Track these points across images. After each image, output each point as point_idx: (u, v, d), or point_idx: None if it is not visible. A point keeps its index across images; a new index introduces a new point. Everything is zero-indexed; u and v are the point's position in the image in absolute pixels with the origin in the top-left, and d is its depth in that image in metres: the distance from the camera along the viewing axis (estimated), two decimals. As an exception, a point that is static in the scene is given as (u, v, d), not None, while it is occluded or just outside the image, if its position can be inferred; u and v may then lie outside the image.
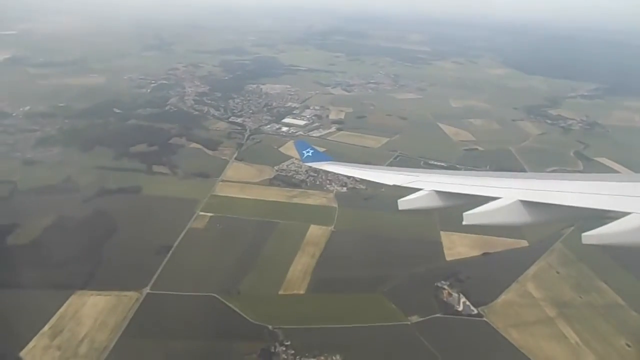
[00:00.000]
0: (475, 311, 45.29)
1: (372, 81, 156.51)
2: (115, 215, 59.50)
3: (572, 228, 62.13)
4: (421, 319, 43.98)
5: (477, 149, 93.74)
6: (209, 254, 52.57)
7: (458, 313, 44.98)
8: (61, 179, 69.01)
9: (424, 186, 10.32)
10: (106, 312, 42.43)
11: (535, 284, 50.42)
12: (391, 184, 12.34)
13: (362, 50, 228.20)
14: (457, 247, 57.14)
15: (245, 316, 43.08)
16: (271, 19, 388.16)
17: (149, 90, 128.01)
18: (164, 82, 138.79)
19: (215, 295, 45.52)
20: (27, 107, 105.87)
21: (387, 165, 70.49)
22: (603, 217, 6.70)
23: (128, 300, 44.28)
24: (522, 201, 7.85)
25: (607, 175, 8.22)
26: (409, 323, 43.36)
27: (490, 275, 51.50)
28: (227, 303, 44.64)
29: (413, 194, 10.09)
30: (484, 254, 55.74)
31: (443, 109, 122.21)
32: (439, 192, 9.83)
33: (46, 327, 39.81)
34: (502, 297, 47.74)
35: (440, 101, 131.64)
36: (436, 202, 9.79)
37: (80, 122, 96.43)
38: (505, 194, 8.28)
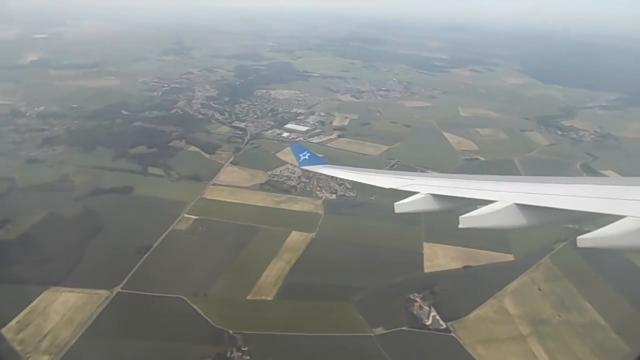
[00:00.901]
0: (444, 326, 44.18)
1: (383, 88, 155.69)
2: (103, 215, 60.91)
3: (564, 243, 60.37)
4: (386, 331, 43.21)
5: (478, 158, 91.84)
6: (185, 256, 53.15)
7: (425, 327, 43.95)
8: (58, 178, 71.21)
9: (420, 189, 10.41)
10: (75, 309, 43.39)
11: (513, 300, 48.88)
12: (387, 187, 12.31)
13: (378, 57, 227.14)
14: (438, 258, 56.04)
15: (208, 319, 43.31)
16: (293, 25, 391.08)
17: (160, 94, 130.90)
18: (177, 85, 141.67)
19: (182, 297, 45.95)
20: (42, 108, 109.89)
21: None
22: (598, 220, 6.81)
23: (98, 298, 45.19)
24: (518, 204, 7.90)
25: (602, 178, 8.53)
26: (372, 335, 42.64)
27: (467, 289, 50.20)
28: (192, 305, 45.00)
29: (409, 197, 10.23)
30: (465, 266, 54.51)
31: (450, 118, 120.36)
32: (435, 196, 9.94)
33: (14, 322, 40.85)
34: (476, 312, 46.43)
35: (449, 109, 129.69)
36: (432, 206, 9.93)
37: (87, 123, 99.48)
38: (501, 197, 8.31)
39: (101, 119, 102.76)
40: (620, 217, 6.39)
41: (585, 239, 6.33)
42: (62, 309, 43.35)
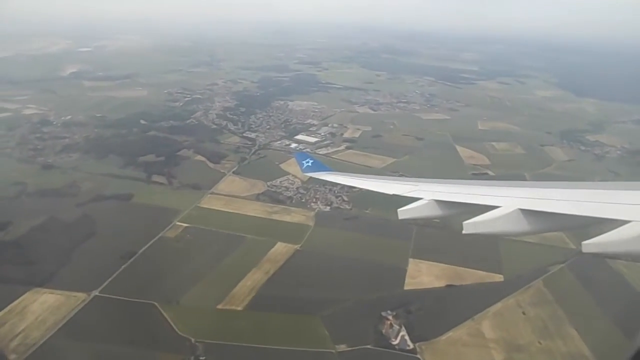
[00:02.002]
0: (411, 346, 42.62)
1: (403, 100, 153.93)
2: (99, 220, 63.32)
3: (562, 265, 57.26)
4: (349, 348, 42.20)
5: (487, 173, 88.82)
6: (167, 263, 54.17)
7: (391, 347, 42.53)
8: (67, 184, 74.74)
9: (424, 195, 10.28)
10: (51, 310, 45.11)
11: (492, 323, 46.53)
12: (391, 193, 12.26)
13: (406, 68, 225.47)
14: (422, 276, 54.34)
15: (174, 327, 43.84)
16: (326, 37, 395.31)
17: (181, 104, 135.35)
18: (199, 96, 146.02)
19: (155, 303, 46.79)
20: (69, 117, 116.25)
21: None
22: (603, 225, 6.71)
23: (75, 300, 46.79)
24: (522, 210, 7.83)
25: (606, 183, 8.21)
26: (333, 351, 41.74)
27: (445, 309, 48.28)
28: (162, 312, 45.71)
29: (413, 204, 10.09)
30: (448, 285, 52.52)
31: (466, 131, 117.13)
32: (438, 201, 9.81)
33: (-10, 320, 43.04)
34: (449, 334, 44.49)
35: (468, 123, 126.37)
36: (436, 211, 9.80)
37: (106, 132, 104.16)
38: (505, 203, 8.22)
39: (120, 127, 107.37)
40: (626, 222, 6.28)
41: (590, 244, 6.19)
42: (39, 309, 45.17)
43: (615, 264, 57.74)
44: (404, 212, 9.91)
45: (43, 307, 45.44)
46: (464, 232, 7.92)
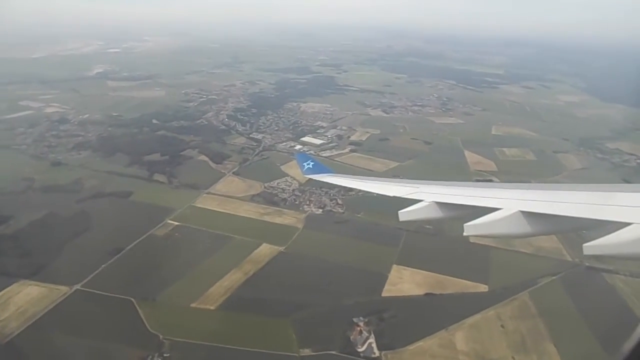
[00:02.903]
0: (376, 354, 41.95)
1: (418, 103, 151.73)
2: (95, 217, 65.31)
3: (553, 277, 55.07)
4: (313, 353, 41.94)
5: (491, 180, 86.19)
6: (151, 260, 55.40)
7: (356, 354, 41.94)
8: (71, 181, 77.42)
9: (425, 197, 10.34)
10: (32, 302, 46.81)
11: (467, 334, 45.16)
12: (391, 195, 12.29)
13: (428, 72, 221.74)
14: (403, 283, 53.39)
15: (145, 323, 44.71)
16: (351, 39, 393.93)
17: (195, 104, 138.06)
18: (214, 97, 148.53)
19: (131, 299, 47.84)
20: (86, 115, 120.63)
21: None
22: (603, 227, 6.80)
23: (57, 293, 48.42)
24: (523, 212, 7.95)
25: (607, 185, 8.30)
26: (297, 355, 41.54)
27: (420, 318, 47.19)
28: (137, 308, 46.69)
29: (413, 205, 10.16)
30: (427, 294, 51.30)
31: (478, 136, 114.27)
32: (439, 203, 9.93)
33: (-25, 310, 45.05)
34: (419, 344, 43.48)
35: (481, 127, 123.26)
36: (436, 213, 9.91)
37: (118, 131, 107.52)
38: (506, 205, 8.32)
39: (132, 127, 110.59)
40: (627, 224, 6.33)
41: (592, 247, 6.28)
42: (22, 301, 46.95)
43: (612, 279, 55.17)
44: (405, 214, 9.94)
45: (26, 299, 47.20)
46: (465, 234, 7.99)
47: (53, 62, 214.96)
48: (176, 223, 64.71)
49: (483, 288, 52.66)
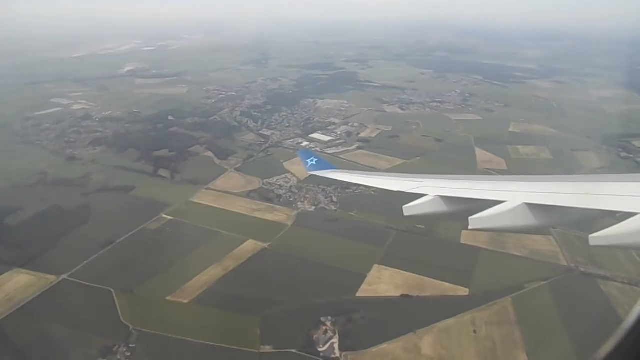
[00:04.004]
0: (337, 355, 41.58)
1: (438, 100, 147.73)
2: (95, 210, 68.33)
3: (543, 282, 52.60)
4: (273, 350, 42.13)
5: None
6: (139, 253, 57.22)
7: (316, 353, 41.75)
8: (81, 175, 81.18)
9: (429, 192, 10.39)
10: (20, 290, 49.61)
11: (436, 339, 43.95)
12: (395, 190, 12.29)
13: (456, 67, 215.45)
14: (380, 283, 52.57)
15: (119, 313, 46.42)
16: (384, 35, 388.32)
17: (213, 101, 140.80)
18: (233, 94, 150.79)
19: (111, 290, 49.77)
20: (109, 112, 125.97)
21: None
22: (610, 218, 6.92)
23: (44, 282, 51.07)
24: (528, 204, 8.04)
25: (613, 176, 8.53)
26: (256, 352, 41.89)
27: (390, 319, 46.39)
28: (114, 299, 48.53)
29: (418, 200, 10.21)
30: (403, 295, 50.26)
31: (494, 133, 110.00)
32: (443, 198, 9.99)
33: (-35, 296, 48.29)
34: (382, 347, 42.71)
35: (499, 124, 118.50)
36: (441, 208, 9.95)
37: (134, 127, 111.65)
38: (510, 198, 8.41)
39: (148, 123, 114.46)
40: (633, 214, 6.42)
41: (598, 237, 6.34)
42: (11, 288, 49.86)
43: (608, 286, 52.00)
44: (410, 209, 9.96)
45: (16, 287, 50.08)
46: (469, 227, 8.02)
47: (90, 61, 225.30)
48: (169, 217, 66.53)
49: (463, 291, 50.94)
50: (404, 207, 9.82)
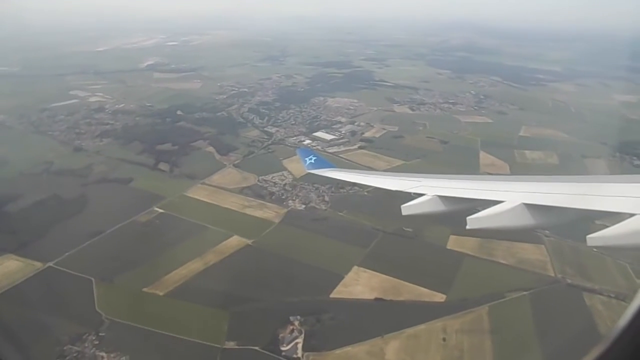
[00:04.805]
0: (298, 355, 41.58)
1: (450, 101, 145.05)
2: (91, 200, 70.24)
3: (524, 293, 51.16)
4: (236, 347, 42.45)
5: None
6: (125, 244, 58.53)
7: (278, 352, 41.83)
8: (84, 165, 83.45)
9: (427, 191, 10.40)
10: (7, 275, 51.40)
11: (402, 344, 43.42)
12: (394, 189, 12.31)
13: (475, 67, 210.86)
14: (357, 285, 52.22)
15: (95, 302, 47.60)
16: (408, 33, 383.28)
17: (224, 97, 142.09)
18: (245, 90, 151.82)
19: (92, 279, 51.10)
20: (122, 105, 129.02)
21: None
22: (607, 219, 7.04)
23: (31, 268, 52.83)
24: (526, 204, 8.05)
25: (611, 177, 9.56)
26: (220, 347, 42.32)
27: (359, 322, 46.06)
28: (93, 287, 49.79)
29: (416, 200, 10.26)
30: (377, 299, 49.77)
31: (503, 137, 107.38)
32: (442, 197, 10.00)
33: (-46, 280, 50.41)
34: (346, 349, 42.43)
35: (510, 128, 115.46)
36: (439, 207, 9.97)
37: (144, 120, 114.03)
38: (509, 197, 8.42)
39: (157, 117, 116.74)
40: (631, 215, 6.45)
41: (595, 238, 6.37)
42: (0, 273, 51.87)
43: (592, 300, 50.21)
44: (408, 208, 10.05)
45: (3, 272, 51.97)
46: (468, 227, 8.11)
47: (113, 55, 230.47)
48: (161, 211, 67.69)
49: (440, 298, 50.04)
50: (403, 206, 9.93)
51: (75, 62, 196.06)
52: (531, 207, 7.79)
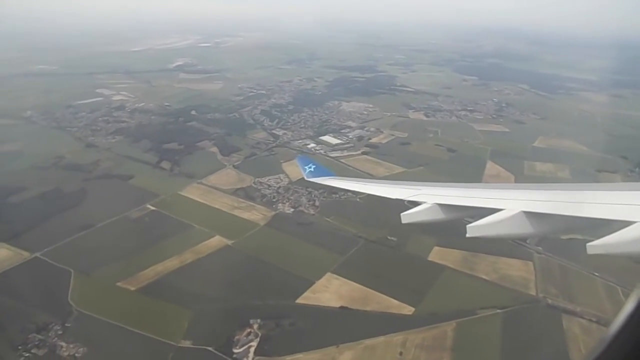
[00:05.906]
0: (249, 359, 41.64)
1: (469, 108, 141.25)
2: (89, 194, 73.05)
3: (497, 311, 49.24)
4: (190, 345, 43.06)
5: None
6: (111, 239, 60.45)
7: (230, 354, 42.12)
8: (91, 161, 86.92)
9: (427, 199, 10.38)
10: (-4, 262, 54.41)
11: (357, 355, 42.77)
12: (393, 197, 12.34)
13: (504, 75, 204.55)
14: (326, 292, 51.85)
15: (69, 293, 49.48)
16: (440, 39, 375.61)
17: (241, 98, 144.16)
18: (263, 92, 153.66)
19: (71, 270, 53.13)
20: (142, 104, 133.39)
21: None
22: (607, 226, 6.87)
23: (19, 257, 55.47)
24: (525, 212, 8.02)
25: (610, 184, 9.64)
26: (175, 344, 43.01)
27: (319, 330, 45.73)
28: (70, 279, 51.75)
29: (416, 208, 10.27)
30: (342, 307, 49.16)
31: (516, 147, 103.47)
32: (441, 205, 9.98)
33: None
34: (298, 356, 42.24)
35: (525, 138, 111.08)
36: (439, 215, 9.95)
37: (158, 119, 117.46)
38: (508, 206, 8.39)
39: (170, 116, 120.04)
40: (631, 222, 6.42)
41: (596, 246, 6.34)
42: (-11, 260, 54.81)
43: (570, 323, 47.62)
44: (408, 217, 10.04)
45: (-7, 259, 54.99)
46: (467, 235, 8.10)
47: (146, 55, 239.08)
48: (153, 208, 69.57)
49: (408, 310, 48.87)
50: (402, 214, 9.95)
51: (108, 62, 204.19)
52: (531, 215, 7.77)
